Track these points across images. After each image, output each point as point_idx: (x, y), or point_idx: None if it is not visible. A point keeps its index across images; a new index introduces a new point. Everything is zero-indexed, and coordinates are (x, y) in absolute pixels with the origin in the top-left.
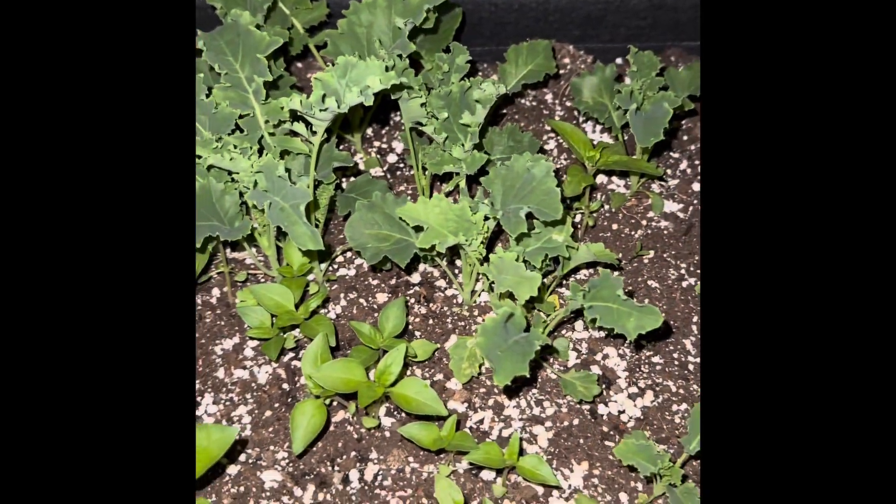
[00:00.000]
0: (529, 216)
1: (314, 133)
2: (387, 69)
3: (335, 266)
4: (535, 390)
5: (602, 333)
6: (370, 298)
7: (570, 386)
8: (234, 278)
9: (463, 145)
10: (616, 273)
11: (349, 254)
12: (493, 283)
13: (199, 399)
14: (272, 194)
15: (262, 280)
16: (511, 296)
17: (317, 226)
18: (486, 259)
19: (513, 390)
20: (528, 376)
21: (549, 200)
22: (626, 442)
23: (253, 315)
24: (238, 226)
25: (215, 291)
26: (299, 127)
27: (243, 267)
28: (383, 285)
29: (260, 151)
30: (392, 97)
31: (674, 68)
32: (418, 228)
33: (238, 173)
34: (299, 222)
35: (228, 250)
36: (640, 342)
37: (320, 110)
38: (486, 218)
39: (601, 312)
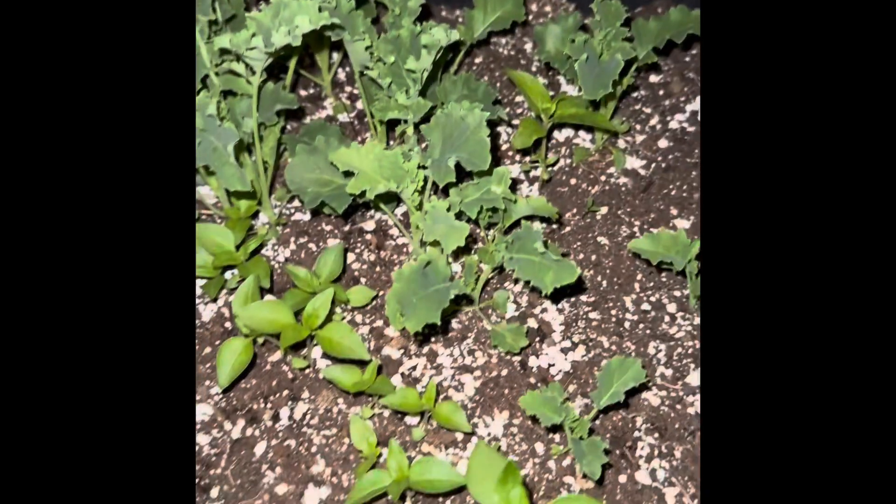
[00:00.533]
0: (459, 166)
1: (253, 73)
2: (320, 9)
3: (291, 210)
4: (469, 340)
5: None
6: (321, 244)
7: (498, 337)
8: None
9: (408, 91)
10: (568, 228)
11: None
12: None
13: None
14: (207, 133)
15: (218, 221)
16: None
17: (266, 168)
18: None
19: (449, 338)
20: (438, 324)
21: (480, 150)
22: (532, 393)
23: (198, 255)
24: None
25: None
26: (238, 67)
27: (200, 207)
28: (336, 231)
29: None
30: (332, 39)
31: (642, 19)
32: (348, 174)
33: None
34: (228, 162)
35: None
36: (569, 296)
37: (247, 49)
38: (422, 166)
39: (520, 265)
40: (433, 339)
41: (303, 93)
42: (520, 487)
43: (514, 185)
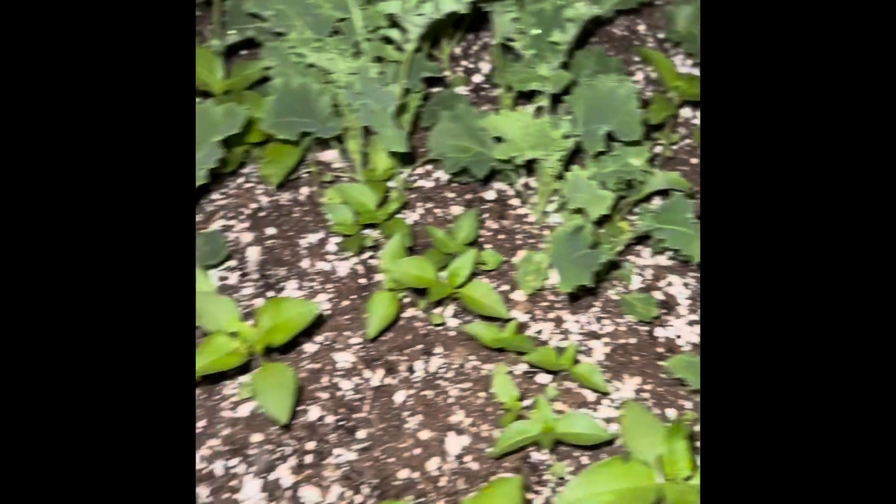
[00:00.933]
0: (609, 136)
1: (408, 40)
2: None
3: (415, 176)
4: (596, 308)
5: (668, 262)
6: (445, 209)
7: (629, 305)
8: (321, 179)
9: (550, 63)
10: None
11: (429, 166)
12: (566, 200)
13: (283, 284)
14: (365, 96)
15: (347, 182)
16: (582, 214)
17: None
18: (562, 177)
19: (575, 305)
20: (590, 285)
21: (630, 121)
22: (679, 356)
23: (338, 212)
24: (331, 125)
25: (304, 190)
26: (394, 33)
27: (330, 169)
28: (459, 199)
29: (356, 56)
30: (483, 9)
31: None
32: (499, 140)
33: (335, 74)
34: (388, 124)
35: (318, 153)
36: (695, 272)
37: (416, 14)
38: (567, 136)
39: (669, 235)
40: (558, 305)
41: None
42: (685, 441)
43: None
